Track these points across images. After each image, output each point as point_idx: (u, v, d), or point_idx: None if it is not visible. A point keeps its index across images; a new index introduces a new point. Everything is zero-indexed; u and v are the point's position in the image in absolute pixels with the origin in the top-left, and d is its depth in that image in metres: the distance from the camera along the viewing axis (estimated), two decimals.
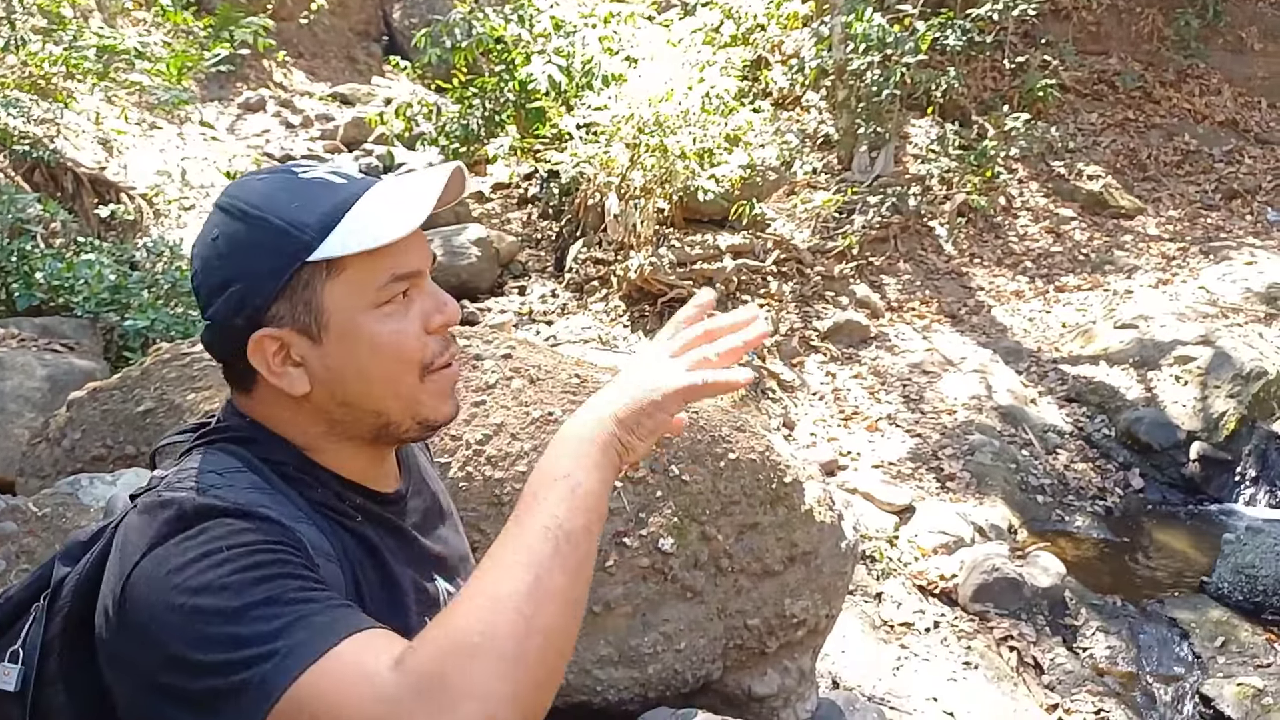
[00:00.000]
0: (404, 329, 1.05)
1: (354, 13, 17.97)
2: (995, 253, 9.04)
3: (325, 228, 1.01)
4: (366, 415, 1.08)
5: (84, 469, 3.00)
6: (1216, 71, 11.17)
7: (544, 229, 9.02)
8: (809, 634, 3.24)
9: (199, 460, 1.04)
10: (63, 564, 1.07)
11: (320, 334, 1.04)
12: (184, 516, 0.94)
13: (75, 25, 8.06)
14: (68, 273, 5.25)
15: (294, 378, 1.05)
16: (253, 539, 0.92)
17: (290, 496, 1.04)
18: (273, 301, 1.03)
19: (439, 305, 1.09)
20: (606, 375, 3.23)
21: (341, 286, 1.03)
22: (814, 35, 10.34)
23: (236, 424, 1.10)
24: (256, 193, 1.05)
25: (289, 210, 1.03)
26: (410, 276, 1.06)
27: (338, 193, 1.04)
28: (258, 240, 1.03)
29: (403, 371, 1.07)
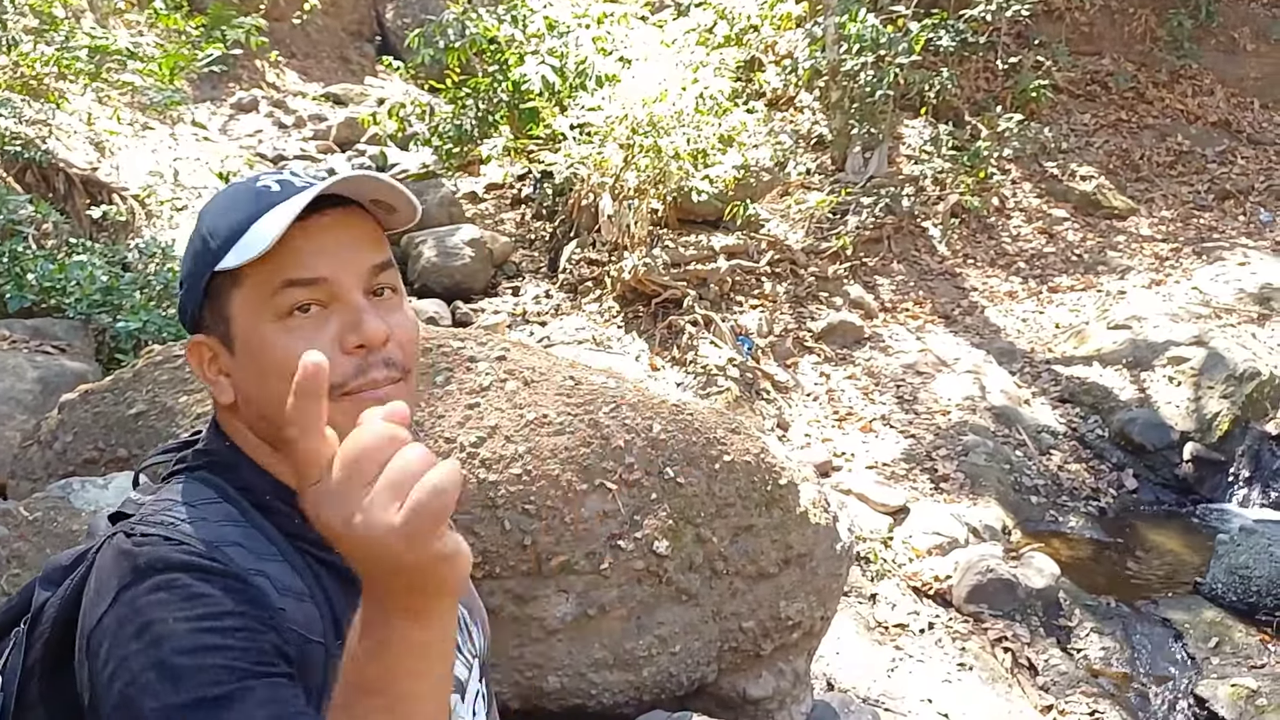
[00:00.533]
0: (300, 344, 0.95)
1: (347, 13, 17.94)
2: (989, 253, 9.05)
3: (231, 239, 1.00)
4: (277, 430, 0.98)
5: (75, 472, 2.98)
6: (1209, 72, 11.20)
7: (538, 229, 9.01)
8: (804, 636, 3.24)
9: (178, 490, 1.03)
10: (43, 588, 1.05)
11: (233, 344, 1.03)
12: (139, 570, 0.92)
13: (67, 26, 8.03)
14: (59, 274, 5.22)
15: (222, 387, 1.06)
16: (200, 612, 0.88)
17: (265, 529, 1.01)
18: (200, 308, 1.05)
19: (354, 323, 1.00)
20: (600, 377, 3.23)
21: (242, 296, 1.01)
22: (807, 36, 10.34)
23: (217, 449, 1.07)
24: (213, 200, 1.07)
25: (214, 219, 1.03)
26: (310, 284, 0.99)
27: (260, 201, 1.02)
28: (191, 247, 1.05)
29: None
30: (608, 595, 2.87)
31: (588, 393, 3.06)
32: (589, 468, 2.89)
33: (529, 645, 2.83)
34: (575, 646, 2.86)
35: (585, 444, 2.92)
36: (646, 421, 3.04)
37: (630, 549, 2.88)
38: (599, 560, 2.84)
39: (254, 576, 0.95)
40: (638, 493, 2.93)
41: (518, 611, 2.80)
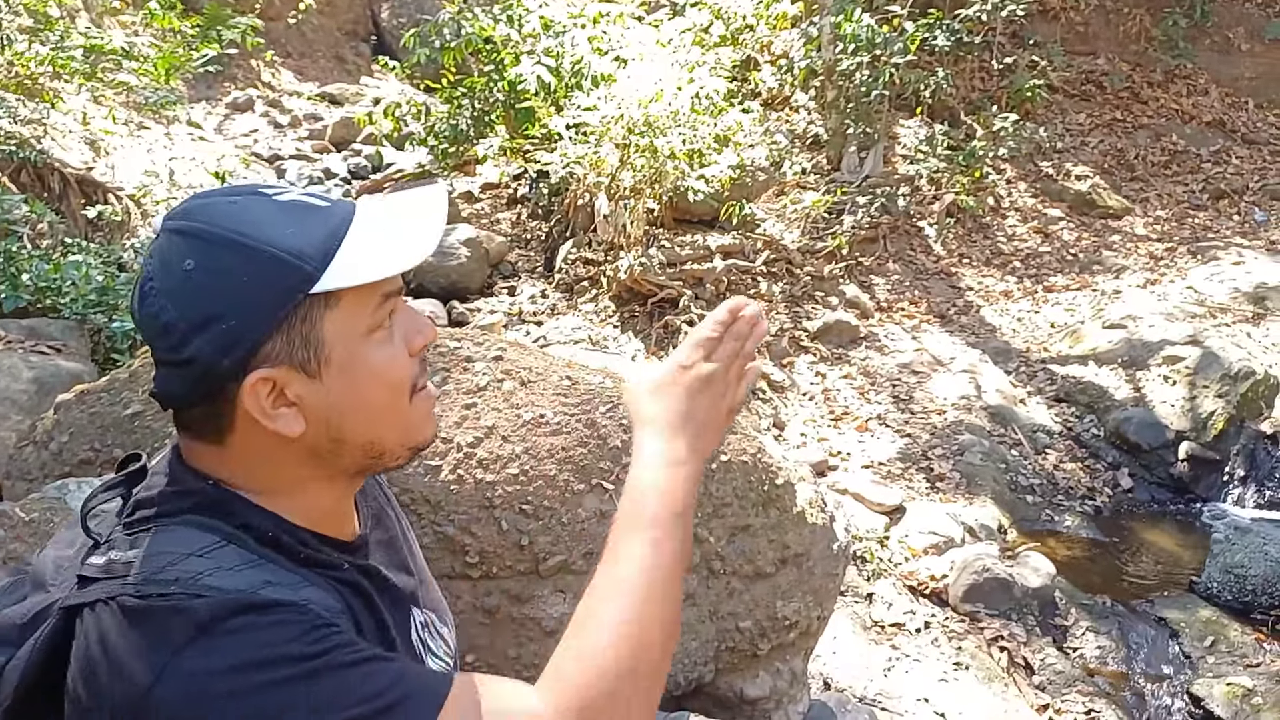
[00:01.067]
0: (396, 353, 1.02)
1: (342, 12, 17.92)
2: (984, 253, 9.06)
3: (325, 257, 0.95)
4: (358, 449, 1.03)
5: (71, 473, 2.98)
6: (1204, 72, 11.22)
7: (533, 229, 9.01)
8: (801, 636, 3.24)
9: (169, 540, 0.95)
10: None
11: (320, 369, 0.97)
12: (203, 625, 0.87)
13: (62, 25, 8.02)
14: (55, 274, 5.22)
15: (289, 419, 0.98)
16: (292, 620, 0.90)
17: (280, 563, 0.98)
18: (268, 338, 0.95)
19: (419, 326, 1.05)
20: (597, 377, 3.22)
21: (340, 317, 0.97)
22: (803, 36, 10.34)
23: (199, 489, 1.00)
24: (238, 218, 0.96)
25: (285, 238, 0.95)
26: (395, 295, 1.02)
27: (327, 218, 0.98)
28: (251, 273, 0.93)
29: (397, 396, 1.03)
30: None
31: (585, 392, 3.06)
32: (586, 467, 2.89)
33: (526, 645, 2.83)
34: None
35: (582, 444, 2.92)
36: None
37: None
38: (596, 560, 2.84)
39: (305, 604, 0.94)
40: None
41: (515, 612, 2.80)
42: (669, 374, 1.12)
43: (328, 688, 0.86)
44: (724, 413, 1.13)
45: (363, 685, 0.88)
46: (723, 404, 1.12)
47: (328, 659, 0.88)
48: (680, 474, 1.06)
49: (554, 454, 2.87)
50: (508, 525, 2.75)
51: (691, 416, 1.10)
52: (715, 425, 1.12)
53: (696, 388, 1.11)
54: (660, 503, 1.04)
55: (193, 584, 0.90)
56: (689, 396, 1.10)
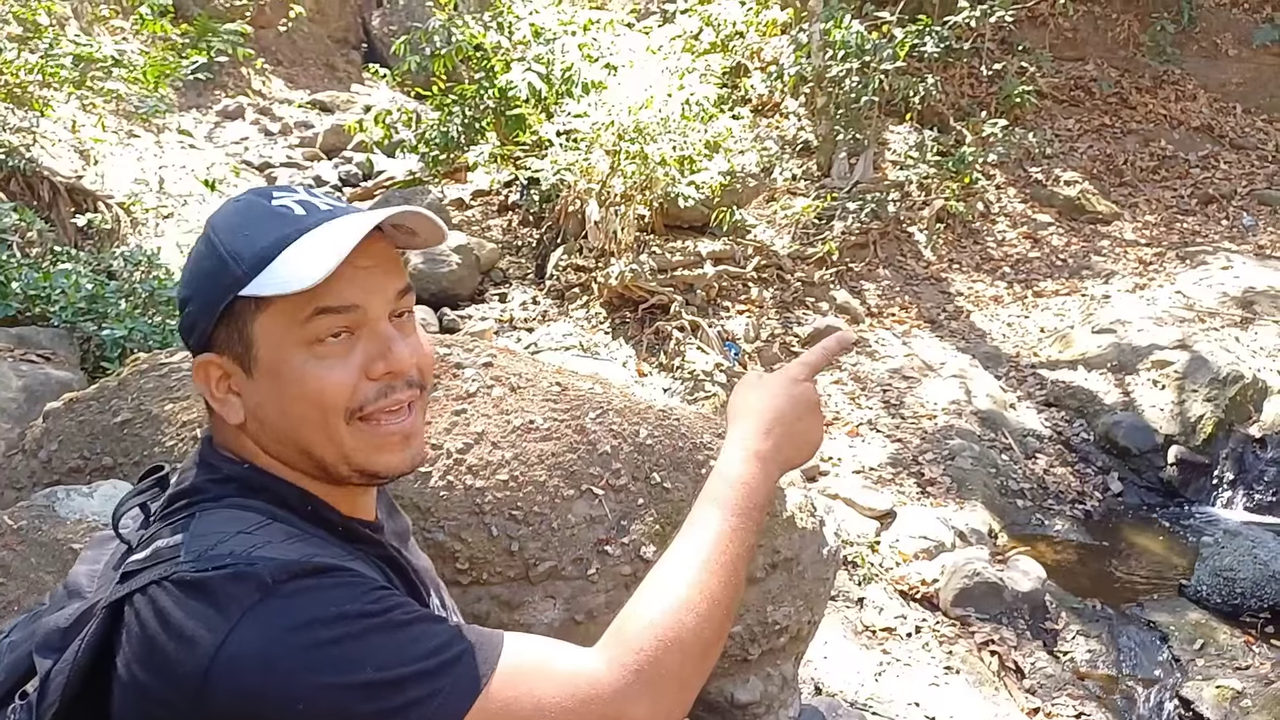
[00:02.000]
0: (332, 373, 1.00)
1: (333, 20, 17.94)
2: (974, 258, 9.09)
3: (259, 264, 0.98)
4: (297, 452, 1.03)
5: (60, 481, 2.97)
6: (1192, 77, 11.27)
7: (524, 236, 9.02)
8: (791, 641, 3.24)
9: (215, 521, 0.98)
10: (43, 656, 0.97)
11: (251, 367, 1.01)
12: (266, 586, 0.89)
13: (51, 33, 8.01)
14: (44, 282, 5.21)
15: (233, 405, 1.03)
16: (351, 581, 0.93)
17: (324, 538, 1.01)
18: (214, 328, 1.02)
19: (384, 353, 1.02)
20: (587, 383, 3.23)
21: (269, 321, 1.00)
22: (793, 42, 10.38)
23: (238, 473, 1.04)
24: (224, 215, 1.05)
25: (235, 240, 1.00)
26: (344, 311, 1.00)
27: (286, 226, 1.00)
28: (207, 266, 1.02)
29: (323, 414, 1.01)
30: (595, 601, 2.87)
31: (574, 398, 3.07)
32: (576, 473, 2.89)
33: None
34: None
35: (572, 449, 2.92)
36: (633, 427, 3.05)
37: (617, 554, 2.88)
38: (586, 566, 2.84)
39: (349, 564, 0.98)
40: (625, 498, 2.94)
41: (505, 618, 2.80)
42: (778, 380, 1.18)
43: (391, 643, 0.89)
44: (818, 434, 1.18)
45: (425, 640, 0.91)
46: (819, 423, 1.18)
47: (389, 616, 0.91)
48: (763, 470, 1.11)
49: (544, 460, 2.87)
50: (498, 531, 2.76)
51: (786, 422, 1.14)
52: (808, 441, 1.17)
53: (802, 401, 1.16)
54: (741, 493, 1.08)
55: (247, 556, 0.91)
56: (790, 404, 1.16)
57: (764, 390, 1.18)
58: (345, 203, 1.09)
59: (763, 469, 1.11)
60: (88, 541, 1.14)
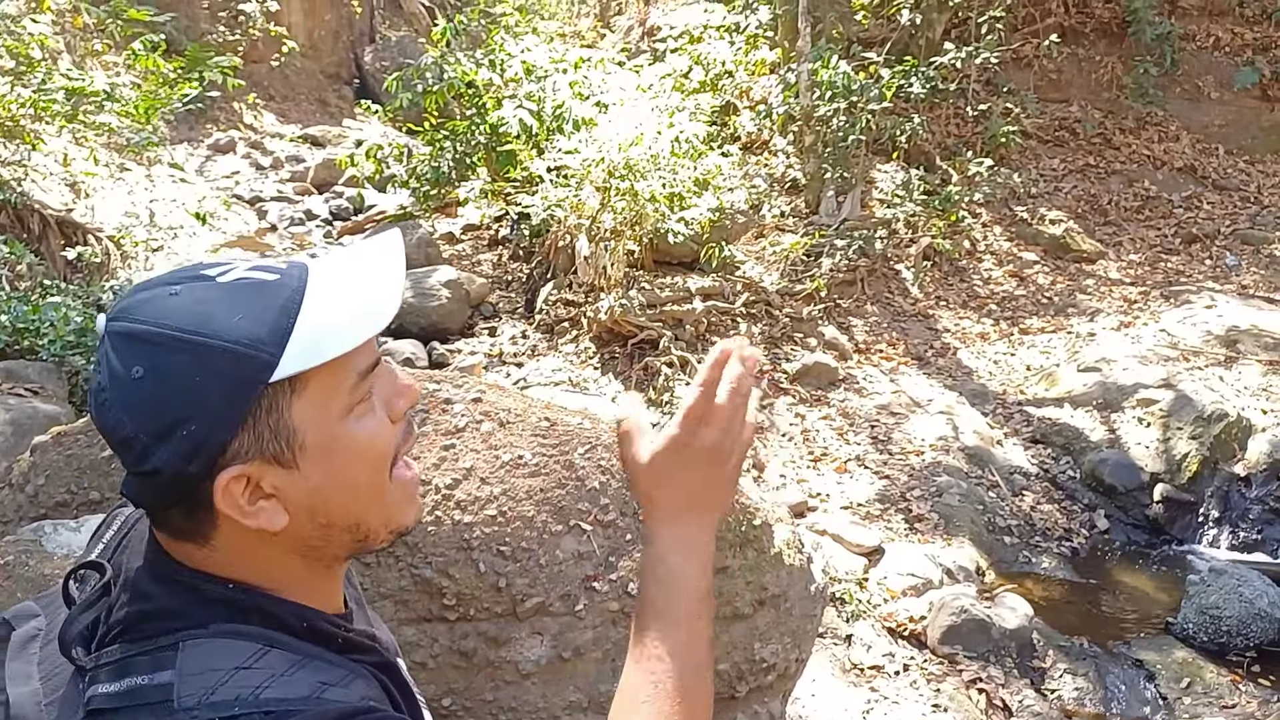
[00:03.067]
0: (377, 427, 0.94)
1: (325, 56, 18.07)
2: (960, 295, 9.15)
3: (281, 340, 0.86)
4: (345, 532, 0.95)
5: (47, 515, 2.96)
6: (1174, 119, 11.43)
7: (514, 270, 9.05)
8: (779, 678, 3.24)
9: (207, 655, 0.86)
10: None
11: (295, 458, 0.89)
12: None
13: (44, 67, 8.06)
14: (33, 315, 5.21)
15: (270, 513, 0.90)
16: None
17: (324, 656, 0.92)
18: (234, 437, 0.86)
19: (399, 390, 0.97)
20: (575, 418, 3.24)
21: (308, 401, 0.88)
22: (781, 82, 10.51)
23: (219, 593, 0.91)
24: (180, 311, 0.86)
25: (234, 327, 0.85)
26: (376, 366, 0.94)
27: (277, 293, 0.88)
28: (208, 371, 0.84)
29: (379, 476, 0.95)
30: (583, 637, 2.87)
31: (563, 433, 3.08)
32: (564, 509, 2.90)
33: (503, 689, 2.82)
34: (550, 689, 2.86)
35: (560, 485, 2.93)
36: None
37: (605, 590, 2.88)
38: (574, 602, 2.84)
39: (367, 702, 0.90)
40: (613, 533, 2.94)
41: (491, 654, 2.79)
42: (667, 452, 1.05)
43: None
44: (731, 470, 1.07)
45: None
46: (728, 465, 1.07)
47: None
48: (697, 556, 1.05)
49: (532, 495, 2.88)
50: (485, 567, 2.76)
51: (695, 493, 1.06)
52: (724, 486, 1.08)
53: (699, 461, 1.05)
54: (682, 594, 1.02)
55: (254, 701, 0.83)
56: (688, 472, 1.05)
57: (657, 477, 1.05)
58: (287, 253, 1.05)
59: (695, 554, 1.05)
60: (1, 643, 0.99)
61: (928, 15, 10.36)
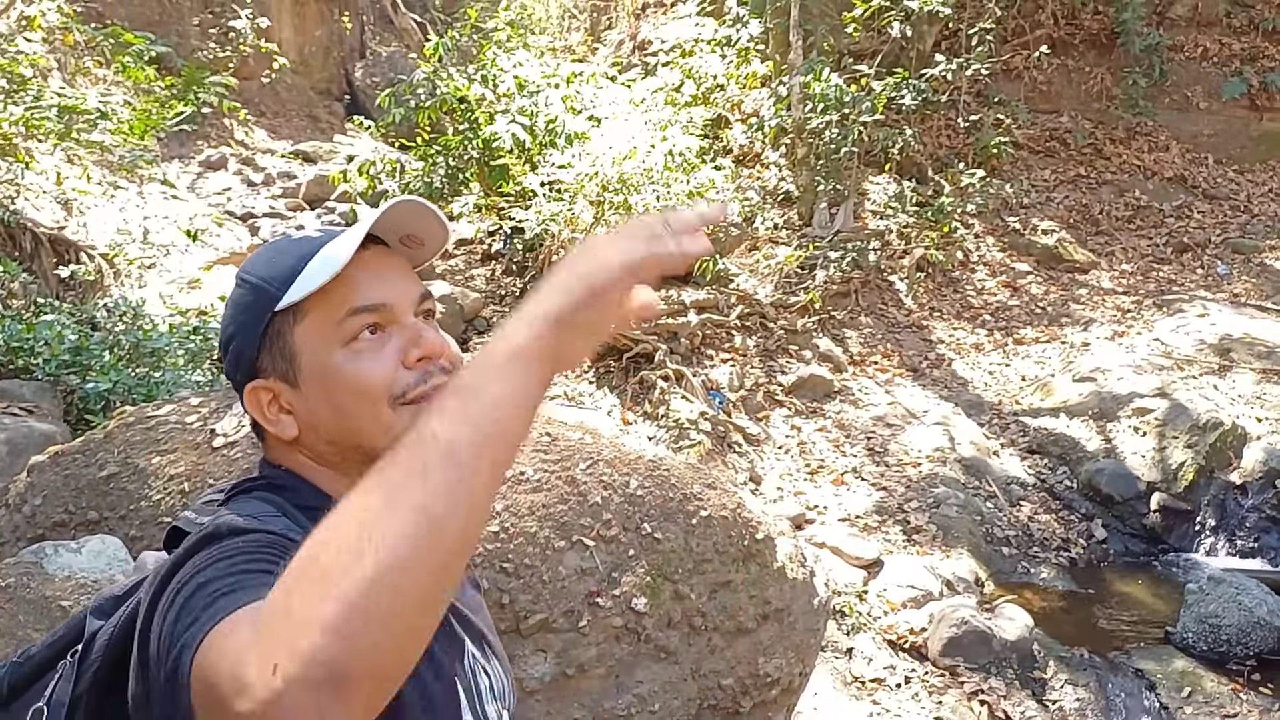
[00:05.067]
0: (371, 365, 1.07)
1: (316, 72, 18.06)
2: (954, 306, 9.17)
3: (288, 278, 1.07)
4: (351, 450, 1.10)
5: (45, 535, 2.94)
6: (1164, 129, 11.49)
7: (508, 285, 9.04)
8: (783, 693, 3.23)
9: (238, 507, 1.06)
10: (95, 618, 1.08)
11: (297, 378, 1.09)
12: (203, 536, 0.97)
13: (35, 85, 8.03)
14: (27, 334, 5.17)
15: (285, 424, 1.11)
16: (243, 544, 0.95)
17: None
18: (258, 354, 1.10)
19: (415, 339, 1.10)
20: (577, 433, 3.23)
21: (306, 329, 1.08)
22: (773, 95, 10.53)
23: (271, 473, 1.14)
24: (253, 257, 1.14)
25: (262, 267, 1.11)
26: (374, 309, 1.08)
27: (307, 245, 1.10)
28: (243, 298, 1.11)
29: (371, 404, 1.07)
30: (586, 654, 2.85)
31: (564, 449, 3.07)
32: (566, 524, 2.89)
33: None
34: (554, 706, 2.84)
35: (562, 500, 2.92)
36: (623, 477, 3.05)
37: (609, 606, 2.87)
38: (577, 618, 2.83)
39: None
40: (615, 549, 2.93)
41: None
42: None
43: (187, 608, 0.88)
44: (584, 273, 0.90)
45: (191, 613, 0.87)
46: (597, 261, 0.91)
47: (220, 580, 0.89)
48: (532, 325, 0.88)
49: (534, 511, 2.87)
50: (488, 584, 2.74)
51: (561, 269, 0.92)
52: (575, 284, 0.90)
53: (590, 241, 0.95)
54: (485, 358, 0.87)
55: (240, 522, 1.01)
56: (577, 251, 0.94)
57: None
58: None
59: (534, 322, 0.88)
60: None
61: (918, 28, 10.40)
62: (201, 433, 3.06)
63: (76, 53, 11.02)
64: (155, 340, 5.49)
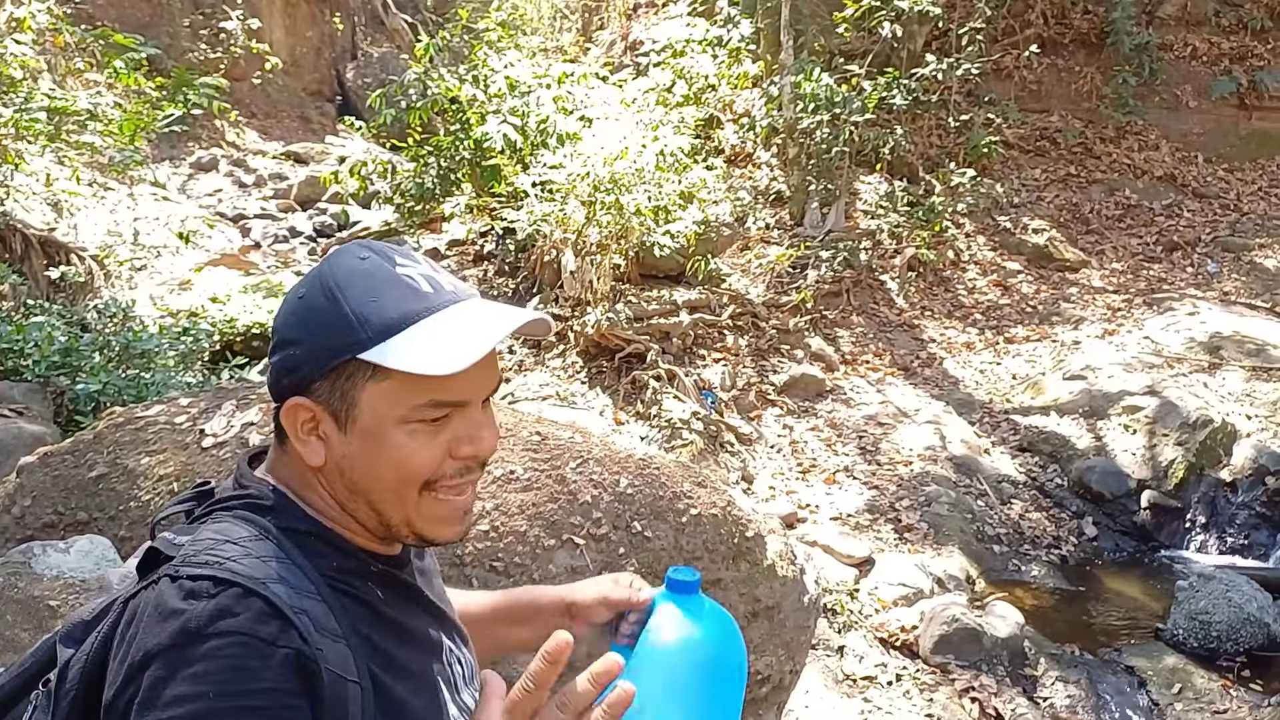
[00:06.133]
0: (423, 449, 1.07)
1: (307, 73, 18.06)
2: (945, 305, 9.19)
3: (384, 333, 1.03)
4: (366, 508, 1.09)
5: (34, 536, 2.94)
6: (1154, 128, 11.52)
7: (500, 285, 9.04)
8: (773, 690, 3.23)
9: (218, 527, 1.05)
10: (65, 645, 1.05)
11: (347, 424, 1.07)
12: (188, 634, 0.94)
13: (25, 87, 8.01)
14: (17, 335, 5.17)
15: (313, 448, 1.08)
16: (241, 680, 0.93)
17: (304, 568, 1.04)
18: (319, 378, 1.06)
19: (473, 436, 1.09)
20: (567, 432, 3.24)
21: (380, 391, 1.05)
22: (764, 95, 10.55)
23: (259, 492, 1.11)
24: (347, 271, 1.08)
25: (361, 302, 1.05)
26: (452, 405, 1.07)
27: (414, 301, 1.06)
28: (325, 320, 1.06)
29: (405, 483, 1.07)
30: (577, 651, 2.85)
31: (554, 448, 3.07)
32: (556, 523, 2.89)
33: None
34: None
35: (552, 499, 2.92)
36: (613, 476, 3.05)
37: None
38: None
39: (298, 615, 0.99)
40: (606, 547, 2.93)
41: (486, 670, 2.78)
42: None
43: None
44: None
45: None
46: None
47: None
48: None
49: (524, 510, 2.87)
50: (478, 583, 2.74)
51: None
52: None
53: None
54: None
55: (220, 568, 0.98)
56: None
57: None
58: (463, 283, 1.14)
59: None
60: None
61: (909, 28, 10.42)
62: (191, 433, 3.06)
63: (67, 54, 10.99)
64: (145, 342, 5.49)
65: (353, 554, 1.11)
